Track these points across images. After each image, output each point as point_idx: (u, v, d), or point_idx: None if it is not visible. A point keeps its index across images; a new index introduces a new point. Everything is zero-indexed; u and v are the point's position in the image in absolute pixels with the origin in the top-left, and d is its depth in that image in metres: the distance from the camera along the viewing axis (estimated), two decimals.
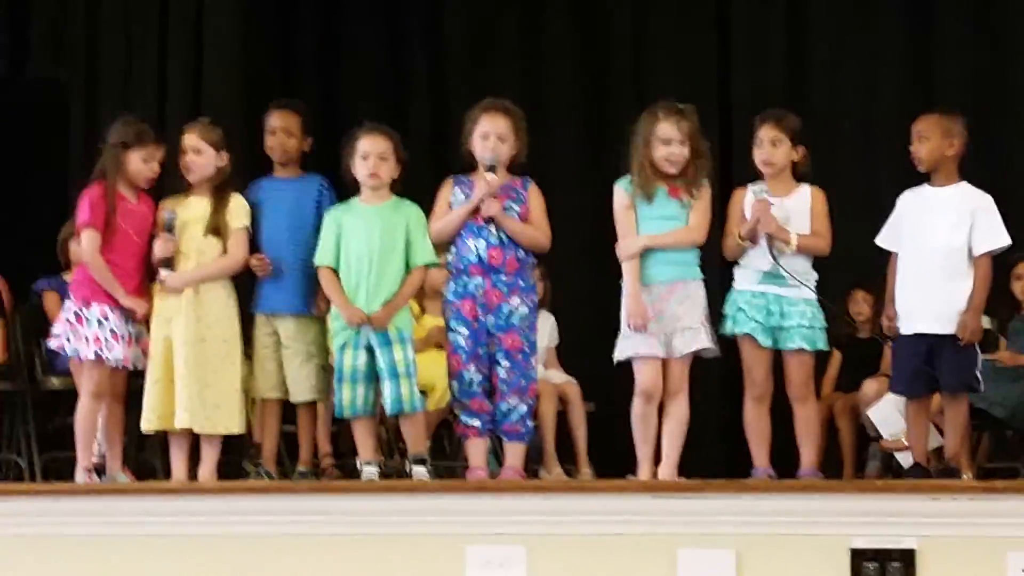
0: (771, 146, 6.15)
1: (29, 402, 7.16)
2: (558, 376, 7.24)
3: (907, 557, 5.40)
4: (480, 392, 6.19)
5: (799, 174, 6.19)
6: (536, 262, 6.41)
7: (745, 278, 6.14)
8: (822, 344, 6.14)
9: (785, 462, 6.15)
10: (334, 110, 8.09)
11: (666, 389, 6.07)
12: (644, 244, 6.07)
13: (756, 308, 6.06)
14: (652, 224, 6.11)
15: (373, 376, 6.17)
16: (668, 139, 6.10)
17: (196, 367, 6.13)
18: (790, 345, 6.05)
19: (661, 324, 6.03)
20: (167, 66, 8.38)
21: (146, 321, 6.22)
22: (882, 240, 6.17)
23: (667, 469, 6.04)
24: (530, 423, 6.25)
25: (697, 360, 6.16)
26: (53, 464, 7.03)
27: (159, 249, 6.20)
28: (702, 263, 6.22)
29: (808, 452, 6.11)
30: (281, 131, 6.50)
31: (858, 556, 5.43)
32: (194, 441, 6.26)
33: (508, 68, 8.67)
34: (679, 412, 6.08)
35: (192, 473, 6.24)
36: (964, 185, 6.08)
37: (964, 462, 6.34)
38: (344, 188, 6.42)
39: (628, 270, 6.08)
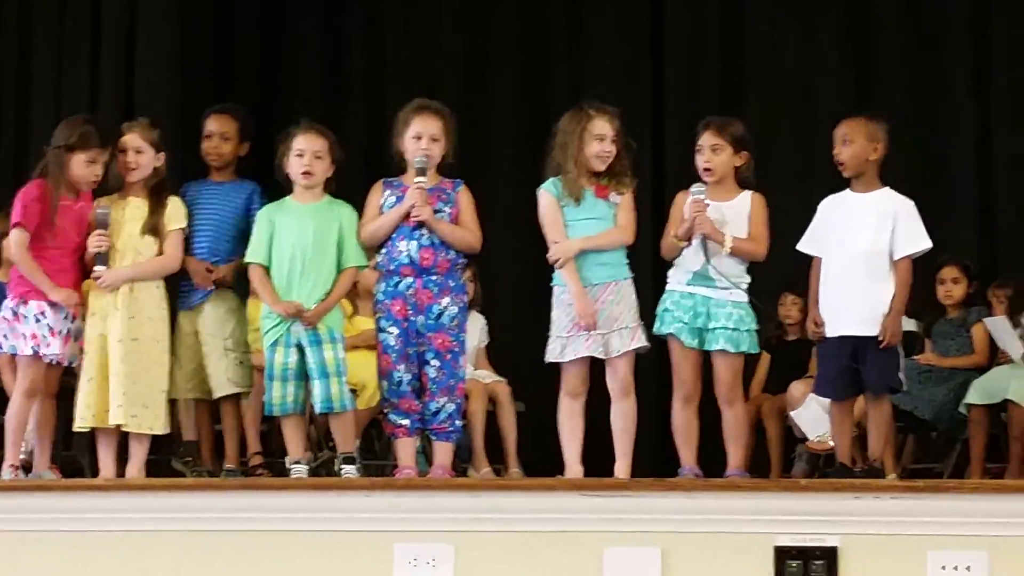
0: (711, 152, 6.19)
1: None
2: (488, 376, 7.27)
3: (830, 555, 5.45)
4: (409, 392, 6.20)
5: (742, 180, 6.24)
6: (467, 263, 6.44)
7: (676, 278, 6.19)
8: (747, 347, 6.15)
9: (712, 463, 6.20)
10: (269, 110, 8.08)
11: (615, 388, 6.12)
12: (579, 247, 6.11)
13: (683, 308, 6.11)
14: (582, 226, 6.15)
15: (303, 374, 6.17)
16: (602, 135, 6.15)
17: (128, 365, 6.13)
18: (714, 346, 6.09)
19: (599, 325, 6.07)
20: (100, 65, 8.33)
21: (82, 314, 6.21)
22: (804, 245, 6.22)
23: (623, 467, 6.08)
24: (459, 422, 6.27)
25: None
26: None
27: (92, 245, 6.18)
28: (634, 262, 6.28)
29: (735, 453, 6.15)
30: (217, 136, 6.51)
31: (782, 554, 5.48)
32: (121, 440, 6.24)
33: (445, 70, 8.72)
34: (629, 410, 6.12)
35: (120, 471, 6.21)
36: (886, 190, 6.15)
37: (888, 463, 6.42)
38: (278, 191, 6.42)
39: (567, 273, 6.11)
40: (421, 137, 6.23)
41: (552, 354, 6.15)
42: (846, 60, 8.53)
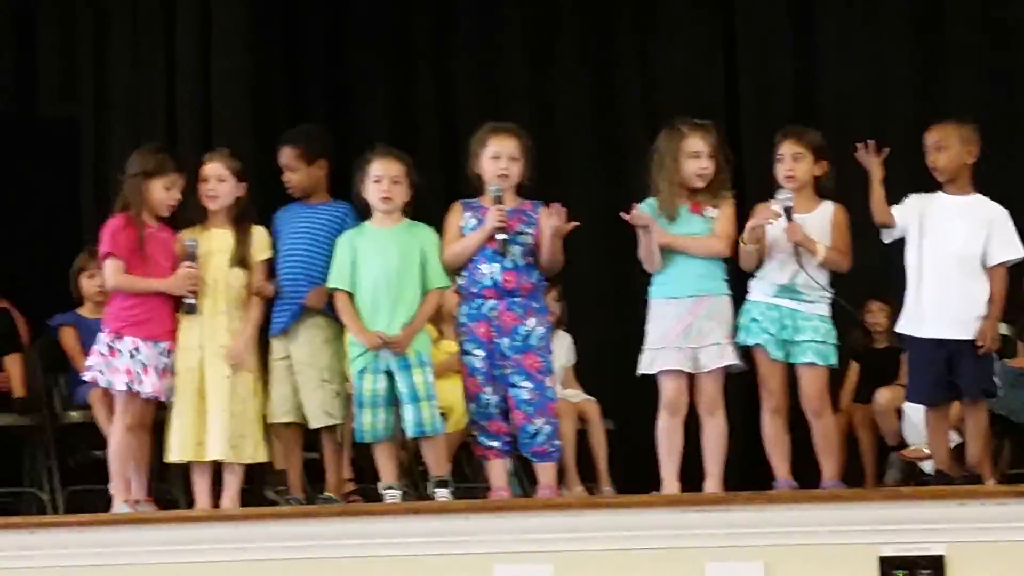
0: (792, 161, 6.16)
1: (51, 436, 7.16)
2: (577, 395, 7.25)
3: (936, 564, 5.41)
4: (498, 414, 6.19)
5: (821, 189, 6.21)
6: (548, 283, 6.42)
7: (760, 290, 6.15)
8: (833, 360, 6.14)
9: (805, 474, 6.16)
10: (343, 136, 8.09)
11: (701, 405, 6.08)
12: (668, 241, 6.06)
13: (769, 320, 6.08)
14: None
15: (393, 400, 6.16)
16: (697, 153, 6.13)
17: (224, 398, 6.17)
18: (802, 359, 6.06)
19: (688, 338, 6.04)
20: (176, 99, 8.40)
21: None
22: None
23: (713, 484, 6.04)
24: (557, 442, 6.24)
25: None
26: (75, 497, 7.04)
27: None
28: None
29: (829, 465, 6.11)
30: (284, 168, 6.54)
31: (887, 564, 5.44)
32: (214, 471, 6.27)
33: (517, 90, 8.70)
34: (718, 427, 6.09)
35: (215, 502, 6.23)
36: (979, 196, 6.10)
37: (986, 469, 6.34)
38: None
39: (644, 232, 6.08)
40: (500, 157, 6.22)
41: (643, 366, 6.12)
42: (918, 65, 8.46)
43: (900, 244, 6.17)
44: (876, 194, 6.10)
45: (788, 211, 6.09)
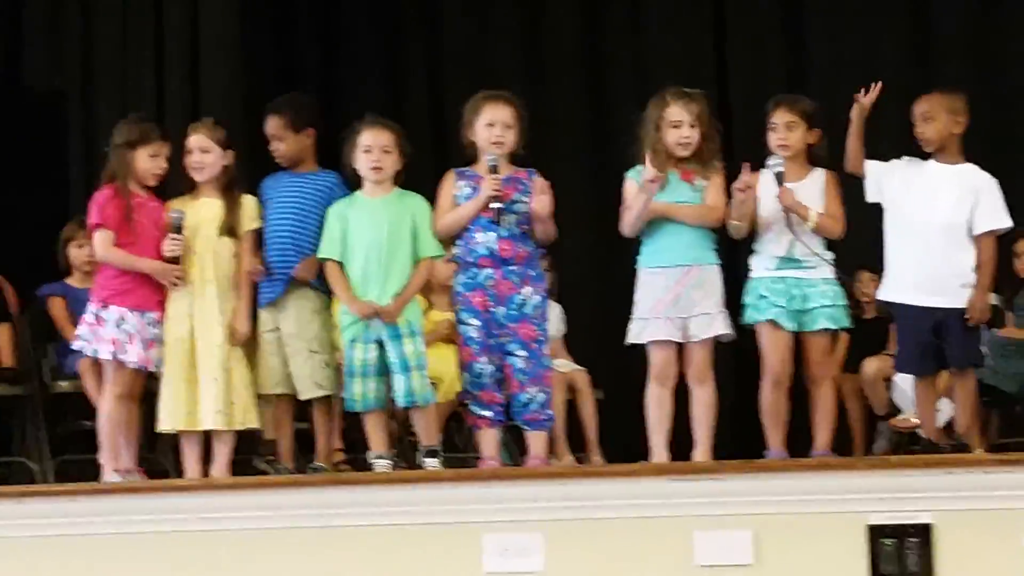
0: (786, 129, 6.16)
1: (40, 406, 7.17)
2: (567, 365, 7.25)
3: (924, 532, 5.40)
4: (491, 383, 6.19)
5: (813, 157, 6.20)
6: (544, 252, 6.42)
7: (762, 264, 6.15)
8: (846, 322, 6.17)
9: (792, 444, 6.17)
10: (332, 106, 8.08)
11: (691, 376, 6.08)
12: (661, 209, 6.03)
13: (778, 293, 6.08)
14: None
15: (384, 369, 6.15)
16: (679, 122, 6.10)
17: (219, 366, 6.18)
18: (814, 327, 6.08)
19: (677, 308, 6.03)
20: (164, 70, 8.38)
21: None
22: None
23: (701, 454, 6.04)
24: (549, 411, 6.25)
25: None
26: (64, 467, 7.04)
27: (168, 249, 6.21)
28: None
29: (823, 433, 6.14)
30: (272, 137, 6.51)
31: (875, 533, 5.43)
32: (204, 440, 6.27)
33: (506, 60, 8.70)
34: (706, 398, 6.08)
35: (205, 472, 6.23)
36: (969, 165, 6.09)
37: (974, 438, 6.36)
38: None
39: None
40: (494, 124, 6.20)
41: (632, 335, 6.12)
42: (909, 36, 8.47)
43: None
44: (853, 133, 6.08)
45: (779, 176, 6.08)
